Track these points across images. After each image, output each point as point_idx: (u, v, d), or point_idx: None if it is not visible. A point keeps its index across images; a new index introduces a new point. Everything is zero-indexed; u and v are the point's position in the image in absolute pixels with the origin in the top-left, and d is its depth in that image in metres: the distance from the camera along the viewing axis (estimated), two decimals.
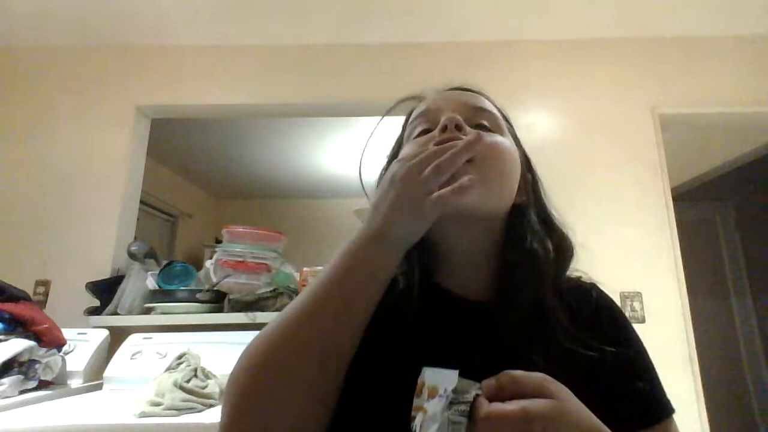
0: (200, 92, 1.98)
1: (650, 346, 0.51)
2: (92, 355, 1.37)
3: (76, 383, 1.30)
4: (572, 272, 0.54)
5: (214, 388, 1.08)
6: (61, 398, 1.16)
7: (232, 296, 1.56)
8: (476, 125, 0.51)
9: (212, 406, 1.03)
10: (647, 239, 1.75)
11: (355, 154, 3.28)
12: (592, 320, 0.49)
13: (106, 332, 1.46)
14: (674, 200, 1.81)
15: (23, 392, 1.12)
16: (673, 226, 1.77)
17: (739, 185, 3.02)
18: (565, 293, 0.50)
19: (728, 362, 2.95)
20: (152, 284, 1.61)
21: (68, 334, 1.32)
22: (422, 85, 0.60)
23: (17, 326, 1.21)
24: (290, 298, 1.59)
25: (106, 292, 1.60)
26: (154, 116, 2.03)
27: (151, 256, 1.72)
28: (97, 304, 1.60)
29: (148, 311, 1.58)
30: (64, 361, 1.27)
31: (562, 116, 1.92)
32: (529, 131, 0.59)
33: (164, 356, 1.31)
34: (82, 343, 1.39)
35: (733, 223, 3.21)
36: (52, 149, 1.86)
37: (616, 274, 1.68)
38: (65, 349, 1.30)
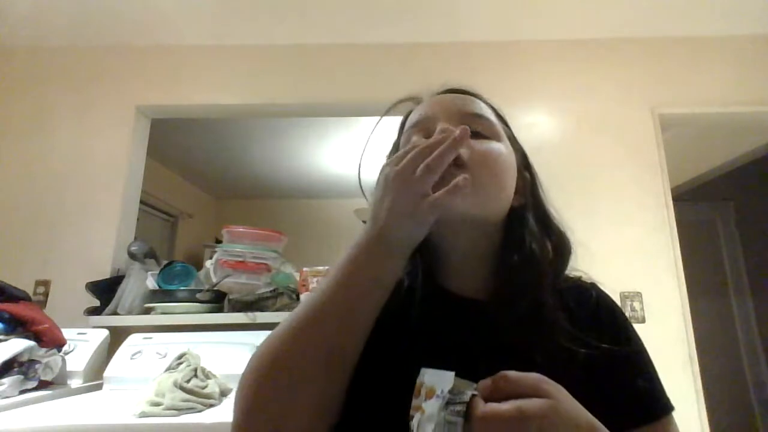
0: (200, 92, 1.98)
1: (650, 346, 0.51)
2: (92, 355, 1.37)
3: (76, 383, 1.30)
4: (572, 272, 0.54)
5: (214, 388, 1.08)
6: (61, 398, 1.16)
7: (232, 296, 1.56)
8: (472, 133, 0.51)
9: (212, 406, 1.03)
10: (647, 239, 1.75)
11: (354, 154, 3.29)
12: (591, 319, 0.50)
13: (106, 332, 1.46)
14: (674, 200, 1.81)
15: (23, 392, 1.12)
16: (673, 226, 1.77)
17: (739, 185, 3.02)
18: (564, 293, 0.51)
19: (728, 362, 2.94)
20: (152, 284, 1.61)
21: (68, 334, 1.32)
22: (422, 85, 0.59)
23: (17, 326, 1.21)
24: (290, 298, 1.59)
25: (106, 292, 1.60)
26: (154, 116, 2.03)
27: (151, 256, 1.72)
28: (97, 304, 1.60)
29: (148, 311, 1.58)
30: (64, 361, 1.27)
31: (562, 116, 1.92)
32: (529, 131, 0.59)
33: (164, 356, 1.31)
34: (82, 343, 1.39)
35: (733, 223, 3.21)
36: (52, 149, 1.86)
37: (616, 274, 1.68)
38: (65, 349, 1.30)
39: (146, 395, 0.99)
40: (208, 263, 1.69)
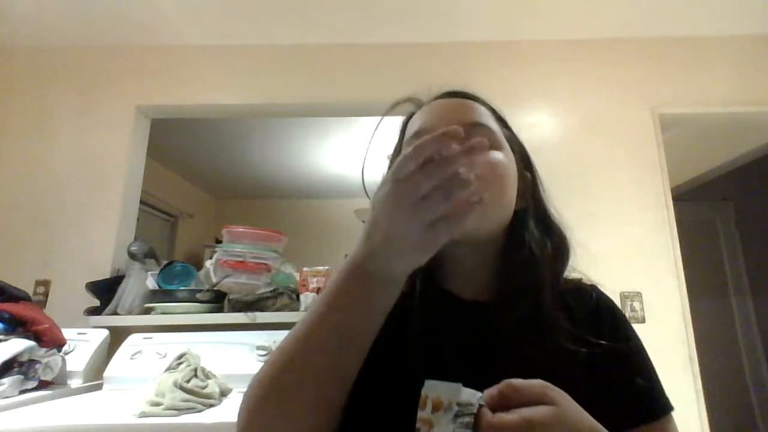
0: (200, 92, 1.98)
1: (650, 346, 0.51)
2: (92, 355, 1.37)
3: (76, 383, 1.30)
4: (570, 272, 0.55)
5: (214, 388, 1.08)
6: (61, 398, 1.16)
7: (232, 296, 1.56)
8: None
9: (212, 406, 1.03)
10: (647, 239, 1.75)
11: (355, 154, 3.29)
12: (592, 320, 0.50)
13: (106, 332, 1.46)
14: (674, 200, 1.81)
15: (23, 392, 1.12)
16: (673, 226, 1.77)
17: (739, 185, 3.02)
18: (565, 294, 0.51)
19: (728, 362, 2.95)
20: (152, 284, 1.61)
21: (68, 334, 1.32)
22: (422, 84, 0.59)
23: (17, 326, 1.21)
24: (290, 298, 1.59)
25: (106, 292, 1.60)
26: (154, 116, 2.03)
27: (151, 256, 1.72)
28: (97, 304, 1.60)
29: (148, 311, 1.58)
30: (64, 361, 1.27)
31: (562, 116, 1.92)
32: (529, 131, 0.59)
33: (164, 356, 1.31)
34: (82, 343, 1.39)
35: (733, 223, 3.21)
36: (52, 149, 1.86)
37: (616, 274, 1.68)
38: (65, 349, 1.30)
39: (146, 395, 0.99)
40: (208, 263, 1.69)
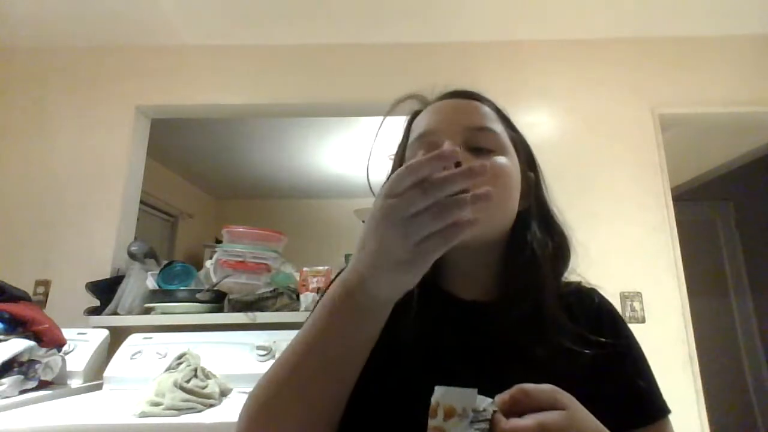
0: (200, 92, 1.98)
1: (650, 346, 0.51)
2: (92, 355, 1.37)
3: (76, 383, 1.30)
4: (570, 274, 0.55)
5: (214, 388, 1.08)
6: (61, 398, 1.16)
7: (232, 296, 1.56)
8: (475, 148, 0.49)
9: (212, 406, 1.03)
10: (647, 239, 1.75)
11: (355, 154, 3.29)
12: (592, 322, 0.50)
13: (106, 332, 1.46)
14: (674, 200, 1.81)
15: (23, 392, 1.12)
16: (673, 226, 1.77)
17: (739, 185, 3.02)
18: (565, 296, 0.51)
19: (728, 362, 2.95)
20: (152, 284, 1.61)
21: (68, 334, 1.32)
22: (423, 84, 0.59)
23: (17, 326, 1.21)
24: (290, 298, 1.59)
25: (106, 292, 1.60)
26: (154, 116, 2.03)
27: (151, 256, 1.72)
28: (97, 304, 1.60)
29: (148, 311, 1.58)
30: (64, 361, 1.27)
31: (562, 116, 1.92)
32: (529, 131, 0.59)
33: (164, 356, 1.31)
34: (82, 343, 1.39)
35: (733, 223, 3.21)
36: (52, 149, 1.86)
37: (616, 274, 1.68)
38: (65, 349, 1.30)
39: (146, 395, 0.99)
40: (208, 263, 1.69)
